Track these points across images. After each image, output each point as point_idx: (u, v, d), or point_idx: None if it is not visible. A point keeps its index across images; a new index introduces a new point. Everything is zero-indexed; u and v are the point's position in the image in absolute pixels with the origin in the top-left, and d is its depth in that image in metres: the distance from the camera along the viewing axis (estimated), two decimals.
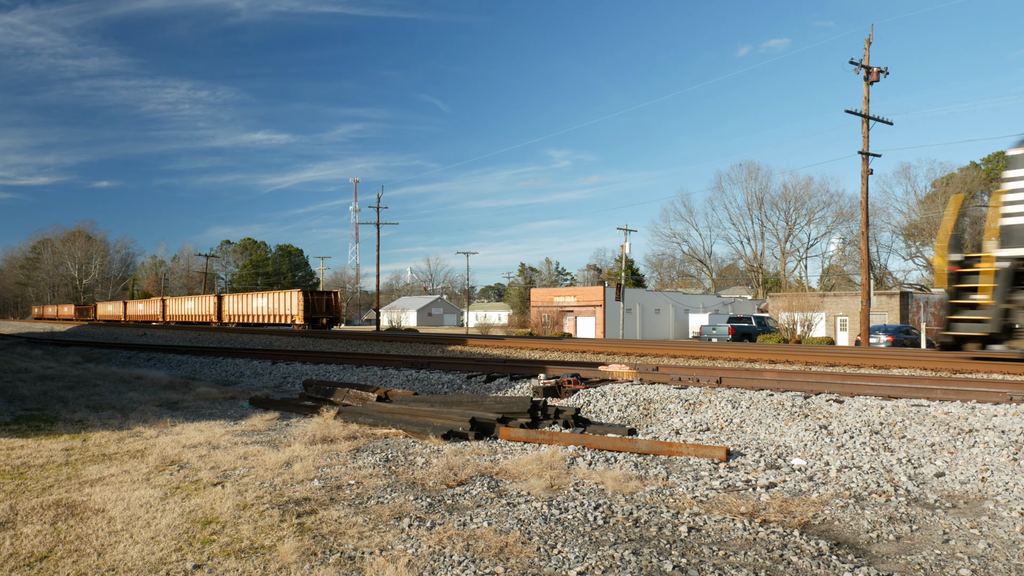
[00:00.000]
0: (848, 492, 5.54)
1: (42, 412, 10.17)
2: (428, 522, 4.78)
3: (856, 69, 29.69)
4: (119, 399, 11.44)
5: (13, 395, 12.02)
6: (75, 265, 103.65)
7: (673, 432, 8.03)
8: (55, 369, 16.92)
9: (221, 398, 11.79)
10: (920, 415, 7.24)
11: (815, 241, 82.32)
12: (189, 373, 16.84)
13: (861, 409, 7.65)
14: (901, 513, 5.03)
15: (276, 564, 4.00)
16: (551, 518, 4.89)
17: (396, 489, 5.68)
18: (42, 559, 4.14)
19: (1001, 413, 7.01)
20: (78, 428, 8.74)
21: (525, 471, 6.13)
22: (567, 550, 4.24)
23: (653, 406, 8.92)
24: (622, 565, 4.00)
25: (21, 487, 5.82)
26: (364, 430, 8.29)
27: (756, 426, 7.75)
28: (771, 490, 5.64)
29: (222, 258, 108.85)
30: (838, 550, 4.28)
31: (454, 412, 8.41)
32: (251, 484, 5.78)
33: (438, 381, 12.07)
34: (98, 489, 5.64)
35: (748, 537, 4.50)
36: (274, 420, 9.22)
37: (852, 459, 6.46)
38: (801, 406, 8.01)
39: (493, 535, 4.48)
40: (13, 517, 4.90)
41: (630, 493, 5.53)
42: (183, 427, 8.65)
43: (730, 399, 8.61)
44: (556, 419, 8.22)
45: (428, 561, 4.05)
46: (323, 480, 5.94)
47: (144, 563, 4.04)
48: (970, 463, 6.08)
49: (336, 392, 10.68)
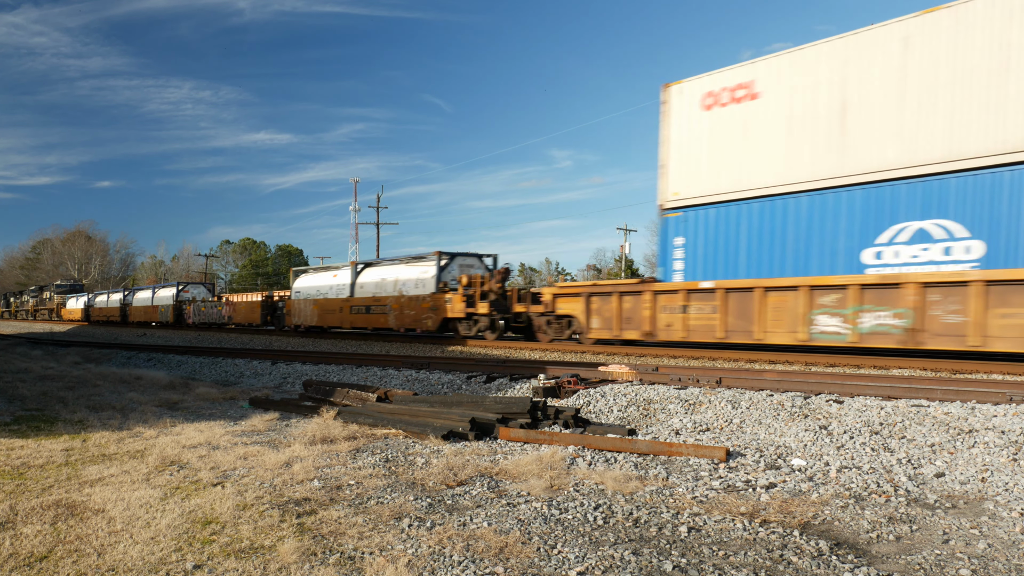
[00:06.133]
0: (848, 492, 5.54)
1: (42, 412, 10.17)
2: (428, 522, 4.78)
3: None
4: (119, 399, 11.44)
5: (13, 395, 12.02)
6: (75, 265, 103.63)
7: (673, 432, 8.03)
8: (55, 369, 16.92)
9: (221, 398, 11.79)
10: (920, 415, 7.25)
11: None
12: (189, 373, 16.84)
13: (861, 409, 7.65)
14: (901, 513, 5.03)
15: (276, 564, 4.00)
16: (551, 518, 4.89)
17: (396, 489, 5.68)
18: (42, 559, 4.14)
19: (1001, 413, 7.01)
20: (78, 428, 8.74)
21: (525, 471, 6.13)
22: (567, 550, 4.24)
23: (653, 406, 8.92)
24: (622, 565, 4.00)
25: (21, 487, 5.82)
26: (364, 430, 8.29)
27: (756, 426, 7.75)
28: (771, 490, 5.64)
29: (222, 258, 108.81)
30: (838, 550, 4.28)
31: (454, 412, 8.41)
32: (251, 484, 5.78)
33: (438, 381, 12.07)
34: (98, 489, 5.64)
35: (748, 537, 4.50)
36: (274, 420, 9.22)
37: (852, 459, 6.46)
38: (801, 406, 8.01)
39: (493, 535, 4.48)
40: (13, 517, 4.90)
41: (630, 493, 5.54)
42: (183, 427, 8.66)
43: (730, 399, 8.61)
44: (556, 419, 8.22)
45: (428, 561, 4.05)
46: (323, 480, 5.94)
47: (144, 563, 4.04)
48: (970, 463, 6.08)
49: (336, 392, 10.68)
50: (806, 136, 14.51)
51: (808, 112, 14.47)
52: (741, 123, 15.60)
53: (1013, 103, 11.86)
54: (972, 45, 12.40)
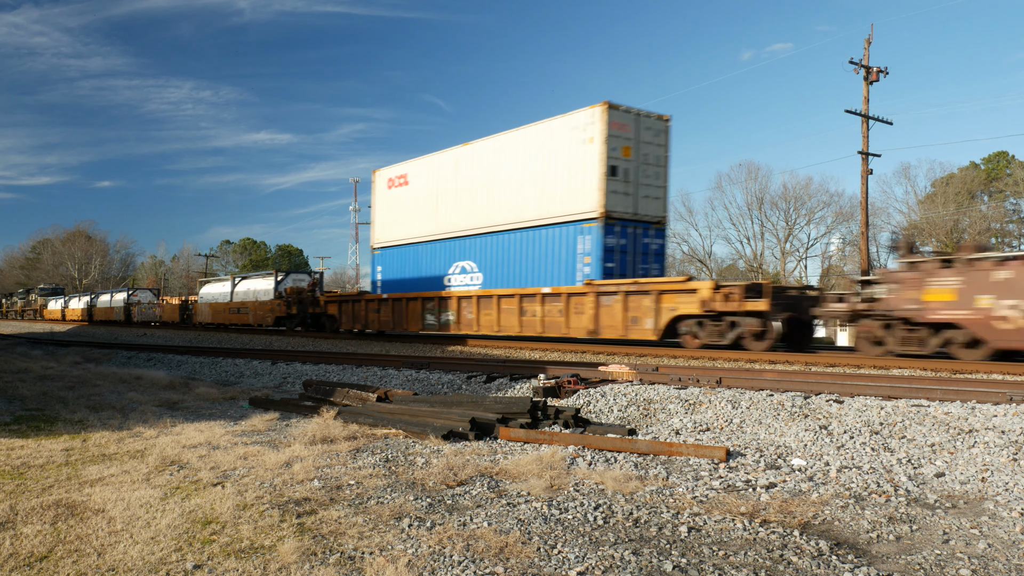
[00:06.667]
0: (848, 492, 5.54)
1: (42, 412, 10.17)
2: (428, 522, 4.78)
3: (856, 69, 29.70)
4: (119, 399, 11.44)
5: (13, 395, 12.02)
6: (75, 265, 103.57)
7: (673, 432, 8.03)
8: (55, 369, 16.92)
9: (221, 398, 11.80)
10: (920, 415, 7.25)
11: (815, 241, 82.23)
12: (189, 373, 16.84)
13: (861, 409, 7.65)
14: (901, 513, 5.03)
15: (276, 564, 4.00)
16: (551, 518, 4.89)
17: (396, 489, 5.68)
18: (42, 559, 4.14)
19: (1001, 413, 7.01)
20: (78, 428, 8.74)
21: (525, 471, 6.13)
22: (567, 550, 4.24)
23: (653, 406, 8.92)
24: (622, 565, 4.00)
25: (21, 487, 5.82)
26: (364, 430, 8.29)
27: (756, 426, 7.75)
28: (771, 490, 5.64)
29: (222, 258, 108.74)
30: (838, 550, 4.28)
31: (454, 412, 8.41)
32: (251, 484, 5.78)
33: (438, 381, 12.07)
34: (98, 489, 5.64)
35: (748, 537, 4.50)
36: (274, 420, 9.22)
37: (852, 459, 6.46)
38: (801, 406, 8.01)
39: (493, 535, 4.48)
40: (13, 517, 4.90)
41: (630, 493, 5.54)
42: (183, 427, 8.66)
43: (730, 399, 8.61)
44: (556, 419, 8.22)
45: (428, 561, 4.05)
46: (323, 480, 5.94)
47: (144, 563, 4.04)
48: (970, 463, 6.08)
49: (336, 392, 10.68)
50: (424, 209, 24.41)
51: (425, 195, 24.40)
52: (402, 198, 25.69)
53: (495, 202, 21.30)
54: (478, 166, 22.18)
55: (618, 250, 18.21)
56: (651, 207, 19.05)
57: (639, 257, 18.83)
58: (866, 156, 29.26)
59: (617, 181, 18.13)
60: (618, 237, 18.18)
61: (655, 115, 19.15)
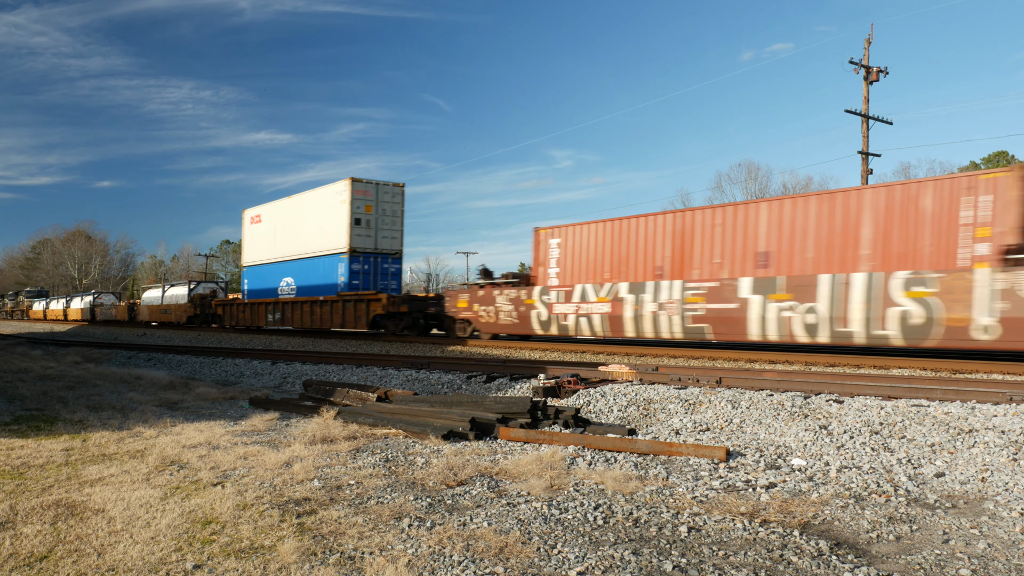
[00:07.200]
0: (848, 492, 5.54)
1: (42, 412, 10.17)
2: (428, 522, 4.78)
3: (856, 69, 29.72)
4: (119, 399, 11.44)
5: (13, 395, 12.02)
6: (75, 265, 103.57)
7: (673, 432, 8.03)
8: (55, 369, 16.92)
9: (221, 398, 11.80)
10: (920, 415, 7.25)
11: None
12: (189, 373, 16.84)
13: (861, 409, 7.65)
14: (901, 513, 5.03)
15: (276, 564, 4.00)
16: (551, 518, 4.89)
17: (396, 489, 5.68)
18: (42, 559, 4.14)
19: (1001, 413, 7.01)
20: (78, 428, 8.74)
21: (525, 471, 6.13)
22: (567, 550, 4.24)
23: (653, 406, 8.92)
24: (622, 565, 4.00)
25: (21, 487, 5.82)
26: (364, 430, 8.29)
27: (756, 426, 7.75)
28: (771, 490, 5.64)
29: (222, 258, 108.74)
30: (838, 550, 4.28)
31: (454, 412, 8.41)
32: (251, 484, 5.78)
33: (438, 381, 12.07)
34: (98, 489, 5.64)
35: (748, 537, 4.51)
36: (274, 420, 9.22)
37: (852, 459, 6.47)
38: (801, 406, 8.01)
39: (493, 535, 4.48)
40: (13, 517, 4.90)
41: (630, 493, 5.54)
42: (183, 427, 8.66)
43: (730, 399, 8.61)
44: (556, 419, 8.22)
45: (428, 561, 4.05)
46: (323, 480, 5.94)
47: (144, 563, 4.04)
48: (970, 463, 6.08)
49: (336, 392, 10.68)
50: (269, 240, 32.61)
51: (271, 230, 32.41)
52: (259, 232, 33.70)
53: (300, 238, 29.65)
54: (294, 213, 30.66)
55: (362, 272, 26.92)
56: (389, 243, 27.55)
57: (380, 276, 27.34)
58: (866, 156, 29.27)
59: (360, 228, 26.69)
60: (362, 264, 26.86)
61: (392, 183, 27.44)
